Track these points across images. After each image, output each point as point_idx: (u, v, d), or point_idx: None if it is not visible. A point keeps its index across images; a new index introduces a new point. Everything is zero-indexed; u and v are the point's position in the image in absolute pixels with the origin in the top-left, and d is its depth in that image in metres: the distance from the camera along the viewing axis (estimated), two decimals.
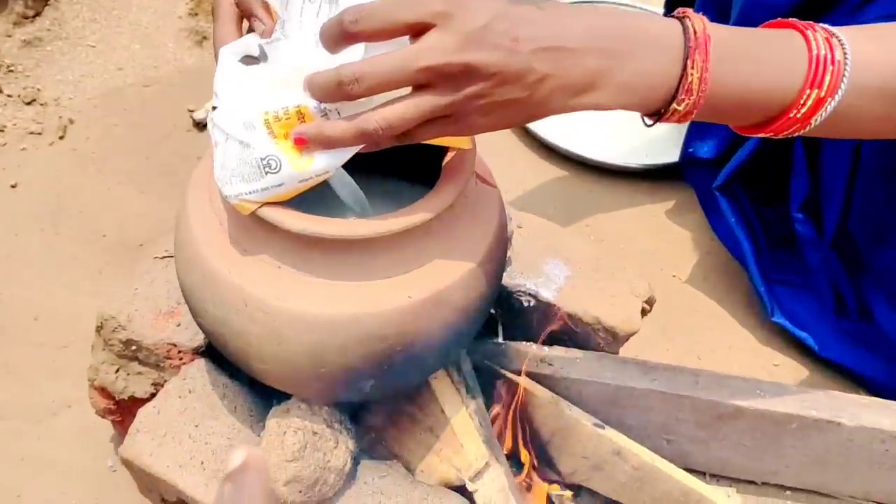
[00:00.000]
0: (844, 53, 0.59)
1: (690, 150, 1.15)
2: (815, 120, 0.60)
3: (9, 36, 1.37)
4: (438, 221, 0.64)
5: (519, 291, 0.88)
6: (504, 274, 0.87)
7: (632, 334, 0.88)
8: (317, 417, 0.70)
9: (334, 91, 0.54)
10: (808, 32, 0.60)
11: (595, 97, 0.56)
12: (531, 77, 0.53)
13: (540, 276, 0.89)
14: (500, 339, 0.90)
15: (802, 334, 1.07)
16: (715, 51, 0.57)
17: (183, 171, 1.22)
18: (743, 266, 1.10)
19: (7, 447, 0.94)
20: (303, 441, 0.68)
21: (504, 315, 0.90)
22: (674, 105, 0.57)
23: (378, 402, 0.80)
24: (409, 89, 0.55)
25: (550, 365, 0.86)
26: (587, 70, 0.55)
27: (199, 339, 0.81)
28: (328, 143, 0.56)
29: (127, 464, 0.76)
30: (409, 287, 0.64)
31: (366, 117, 0.55)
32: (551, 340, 0.88)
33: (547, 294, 0.87)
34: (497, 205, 0.72)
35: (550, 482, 0.89)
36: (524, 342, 0.88)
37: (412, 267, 0.64)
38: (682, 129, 1.19)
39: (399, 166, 0.78)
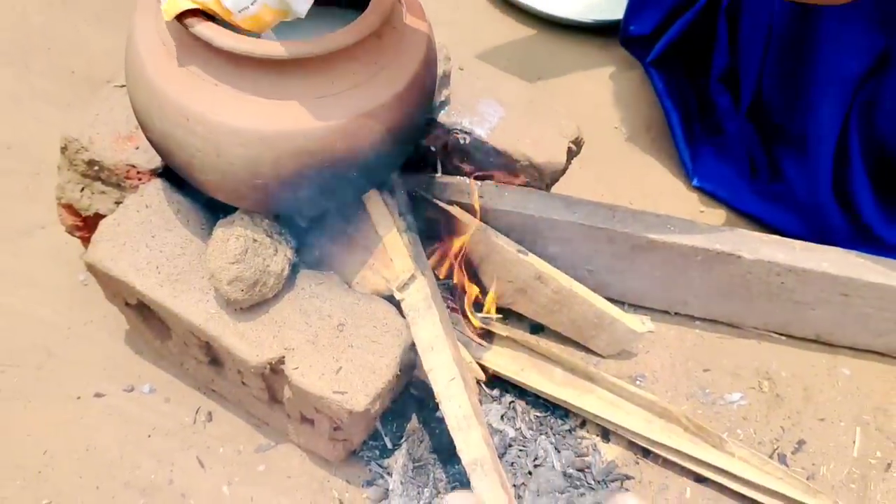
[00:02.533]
0: None
1: (632, 27, 1.21)
2: None
3: None
4: (364, 47, 0.71)
5: (455, 129, 0.94)
6: (442, 112, 0.95)
7: (558, 171, 0.95)
8: (258, 228, 0.78)
9: None
10: None
11: None
12: None
13: (475, 115, 0.95)
14: (439, 173, 0.97)
15: (721, 194, 1.16)
16: None
17: None
18: (671, 134, 1.19)
19: None
20: (244, 246, 0.76)
21: (442, 150, 0.96)
22: None
23: (321, 223, 0.88)
24: None
25: (481, 197, 0.93)
26: None
27: (156, 161, 0.87)
28: None
29: (91, 268, 0.84)
30: (337, 107, 0.70)
31: None
32: (485, 177, 0.96)
33: (481, 132, 0.94)
34: (425, 37, 0.78)
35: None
36: (459, 176, 0.95)
37: (340, 89, 0.71)
38: None
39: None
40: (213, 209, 0.85)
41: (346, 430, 0.83)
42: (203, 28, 0.67)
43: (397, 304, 0.83)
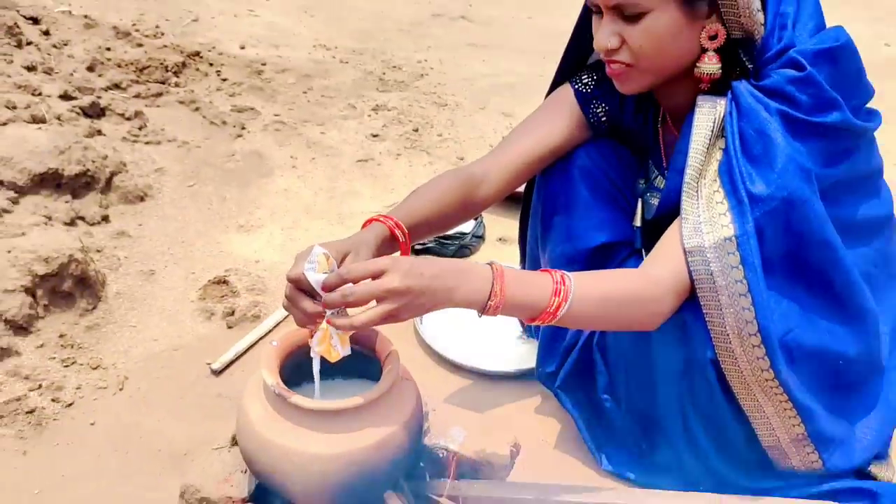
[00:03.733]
0: (571, 282, 1.25)
1: (540, 369, 1.79)
2: (560, 313, 1.25)
3: (76, 324, 1.97)
4: (381, 400, 1.24)
5: (436, 447, 1.45)
6: (426, 438, 1.47)
7: (505, 467, 1.45)
8: None
9: (339, 299, 1.16)
10: (551, 273, 1.26)
11: (456, 297, 1.20)
12: (429, 291, 1.18)
13: (448, 437, 1.47)
14: (429, 478, 1.45)
15: (624, 472, 1.65)
16: (507, 277, 1.22)
17: (207, 405, 1.79)
18: (581, 435, 1.72)
19: None
20: None
21: (429, 463, 1.46)
22: (489, 302, 1.21)
23: None
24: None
25: (459, 490, 1.41)
26: (452, 284, 1.19)
27: (245, 491, 1.35)
28: (339, 327, 1.18)
29: None
30: (370, 434, 1.22)
31: (355, 318, 1.17)
32: (460, 475, 1.45)
33: (453, 447, 1.45)
34: (414, 390, 1.33)
35: None
36: (443, 479, 1.44)
37: (369, 425, 1.23)
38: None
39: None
40: None
41: None
42: (295, 399, 1.20)
43: None
